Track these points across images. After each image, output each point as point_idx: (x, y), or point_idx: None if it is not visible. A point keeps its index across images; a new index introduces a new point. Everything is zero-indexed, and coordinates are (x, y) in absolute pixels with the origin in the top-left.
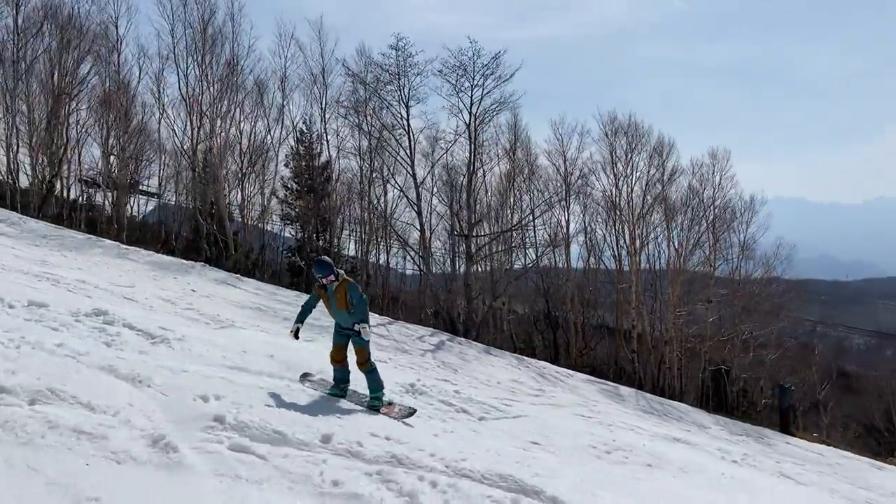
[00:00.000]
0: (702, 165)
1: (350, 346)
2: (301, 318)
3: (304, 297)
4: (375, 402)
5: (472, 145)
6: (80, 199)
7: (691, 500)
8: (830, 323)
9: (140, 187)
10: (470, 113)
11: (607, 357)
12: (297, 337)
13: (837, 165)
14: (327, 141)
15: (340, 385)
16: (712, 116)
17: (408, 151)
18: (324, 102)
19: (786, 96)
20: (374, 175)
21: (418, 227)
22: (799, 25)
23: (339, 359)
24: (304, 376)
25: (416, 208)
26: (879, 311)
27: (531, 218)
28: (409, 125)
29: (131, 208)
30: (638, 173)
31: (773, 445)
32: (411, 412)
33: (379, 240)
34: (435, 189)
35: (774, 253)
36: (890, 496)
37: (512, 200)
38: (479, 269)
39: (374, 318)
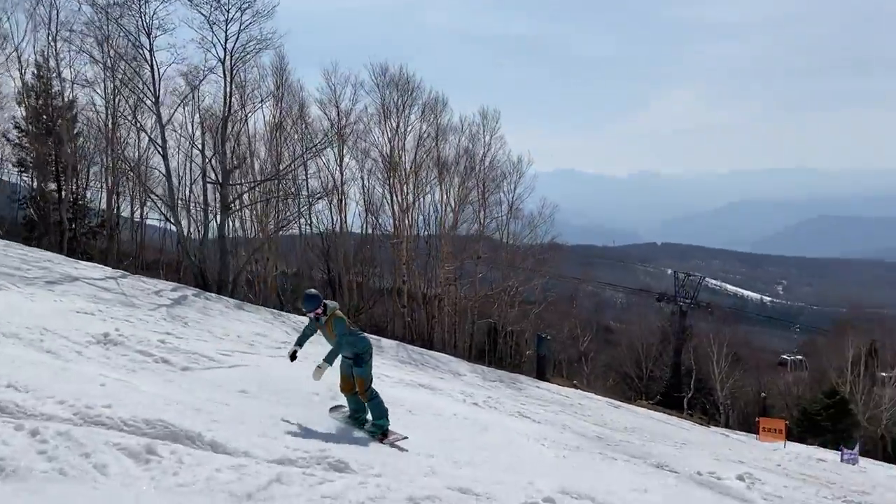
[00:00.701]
0: (472, 124)
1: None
2: (300, 342)
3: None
4: (374, 430)
5: (229, 85)
6: None
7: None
8: (593, 281)
9: None
10: (225, 49)
11: (385, 315)
12: (293, 359)
13: (605, 140)
14: (60, 75)
15: (355, 415)
16: (492, 89)
17: (152, 88)
18: (54, 28)
19: (557, 73)
20: (118, 116)
21: (164, 173)
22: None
23: (347, 389)
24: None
25: (160, 151)
26: (639, 272)
27: (296, 166)
28: (152, 58)
29: None
30: (410, 128)
31: (523, 389)
32: (403, 438)
33: (132, 191)
34: (194, 134)
35: (539, 213)
36: (620, 430)
37: (279, 149)
38: (251, 225)
39: (115, 272)
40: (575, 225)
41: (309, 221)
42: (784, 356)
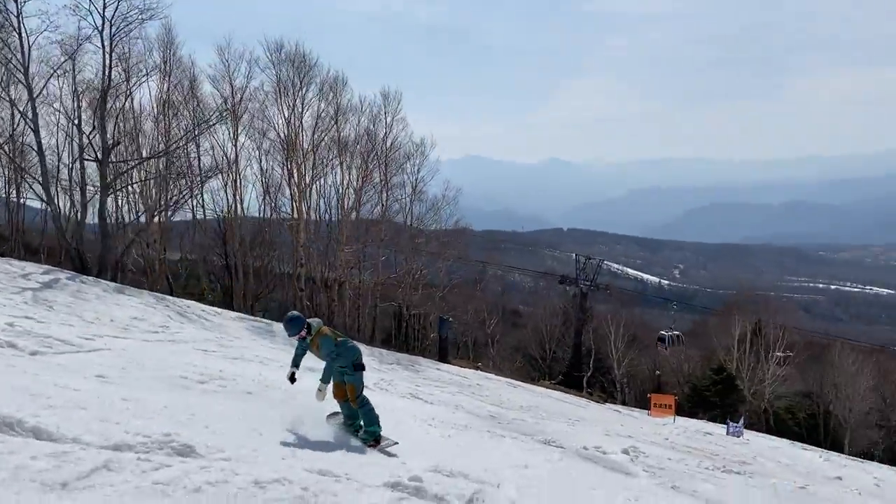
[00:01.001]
0: (373, 105)
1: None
2: (296, 363)
3: None
4: (366, 437)
5: (109, 56)
6: None
7: (258, 418)
8: (499, 265)
9: None
10: (103, 17)
11: (285, 300)
12: (293, 380)
13: (516, 128)
14: None
15: (348, 422)
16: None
17: (21, 58)
18: None
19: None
20: None
21: (36, 149)
22: None
23: (340, 395)
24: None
25: (31, 125)
26: (546, 257)
27: (186, 141)
28: (21, 24)
29: None
30: (308, 107)
31: (421, 372)
32: (394, 443)
33: (5, 168)
34: (75, 108)
35: (443, 196)
36: (515, 409)
37: (168, 125)
38: (139, 206)
39: None
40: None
41: (202, 202)
42: (662, 332)
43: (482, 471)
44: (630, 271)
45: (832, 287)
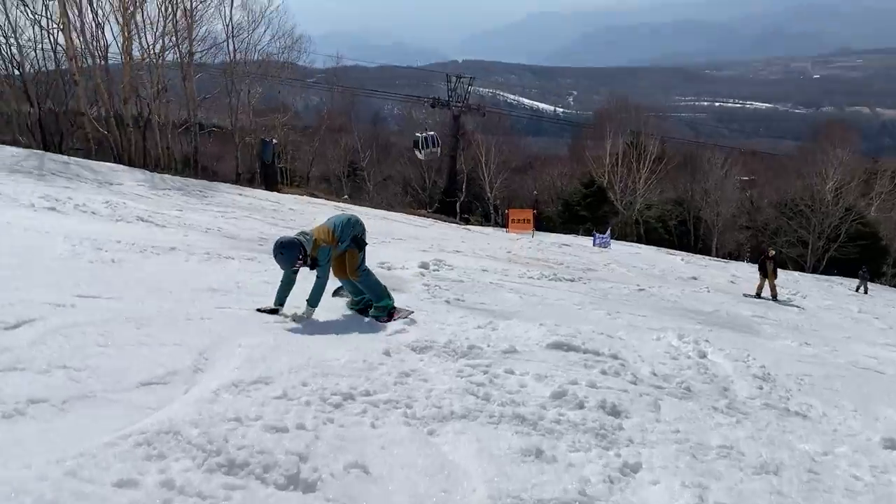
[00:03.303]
0: None
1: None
2: (280, 300)
3: None
4: (378, 314)
5: None
6: None
7: None
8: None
9: None
10: None
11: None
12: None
13: None
14: None
15: (355, 299)
16: None
17: None
18: None
19: None
20: None
21: None
22: None
23: (341, 271)
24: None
25: None
26: (440, 91)
27: None
28: None
29: None
30: None
31: (211, 197)
32: (411, 312)
33: None
34: None
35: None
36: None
37: None
38: None
39: None
40: (381, 46)
41: None
42: (417, 134)
43: None
44: (525, 101)
45: (716, 104)
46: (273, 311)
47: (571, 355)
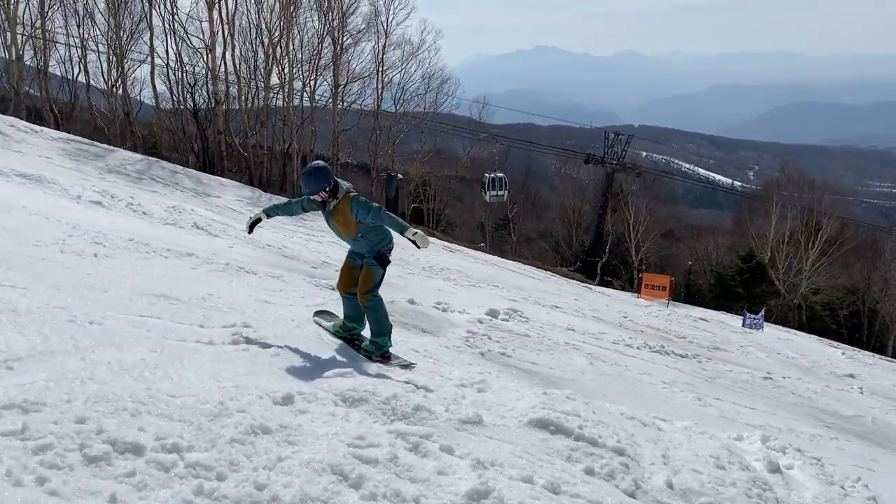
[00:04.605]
0: None
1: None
2: (271, 212)
3: None
4: (371, 348)
5: None
6: None
7: None
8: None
9: None
10: None
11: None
12: (251, 230)
13: (591, 18)
14: None
15: (347, 325)
16: None
17: None
18: None
19: None
20: None
21: None
22: None
23: (345, 284)
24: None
25: None
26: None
27: None
28: None
29: None
30: None
31: (314, 222)
32: (411, 364)
33: None
34: None
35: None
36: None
37: None
38: None
39: None
40: (550, 105)
41: None
42: (486, 174)
43: None
44: (701, 171)
45: None
46: (257, 221)
47: (556, 440)
